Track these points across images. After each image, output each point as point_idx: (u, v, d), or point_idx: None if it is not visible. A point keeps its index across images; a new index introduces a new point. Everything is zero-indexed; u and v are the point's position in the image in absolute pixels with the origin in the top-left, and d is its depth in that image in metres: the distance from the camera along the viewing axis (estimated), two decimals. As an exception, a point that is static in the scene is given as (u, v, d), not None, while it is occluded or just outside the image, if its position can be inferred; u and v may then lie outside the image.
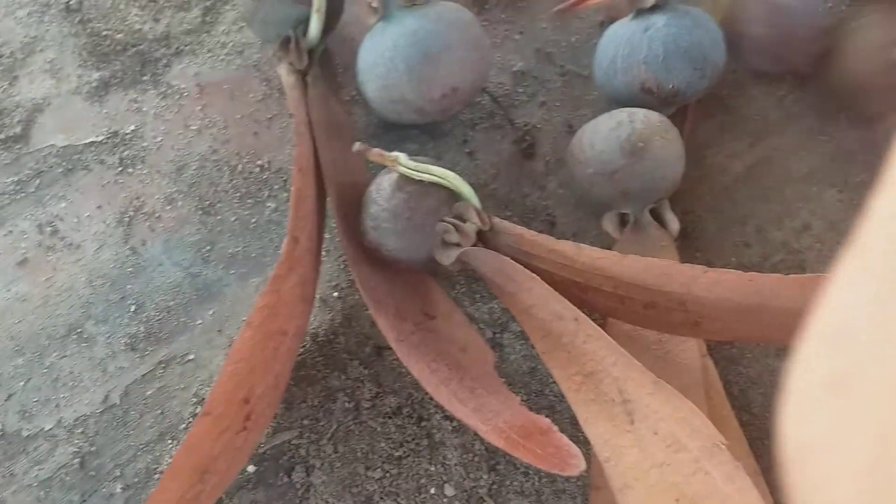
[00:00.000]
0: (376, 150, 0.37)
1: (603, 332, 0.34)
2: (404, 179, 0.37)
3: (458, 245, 0.37)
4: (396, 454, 0.40)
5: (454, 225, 0.37)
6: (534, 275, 0.36)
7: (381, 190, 0.38)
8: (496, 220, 0.38)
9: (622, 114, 0.38)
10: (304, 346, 0.41)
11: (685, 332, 0.37)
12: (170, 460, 0.39)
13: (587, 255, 0.36)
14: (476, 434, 0.39)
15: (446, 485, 0.39)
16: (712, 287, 0.35)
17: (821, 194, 0.43)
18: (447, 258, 0.37)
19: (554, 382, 0.36)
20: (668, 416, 0.32)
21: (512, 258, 0.36)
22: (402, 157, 0.37)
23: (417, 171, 0.38)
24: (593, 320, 0.34)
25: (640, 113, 0.38)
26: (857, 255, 0.14)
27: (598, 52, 0.41)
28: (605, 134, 0.38)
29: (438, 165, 0.38)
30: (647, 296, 0.36)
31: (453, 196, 0.38)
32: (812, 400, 0.15)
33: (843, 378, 0.14)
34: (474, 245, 0.37)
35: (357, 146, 0.37)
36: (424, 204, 0.37)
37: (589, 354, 0.34)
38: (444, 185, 0.38)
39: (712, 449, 0.31)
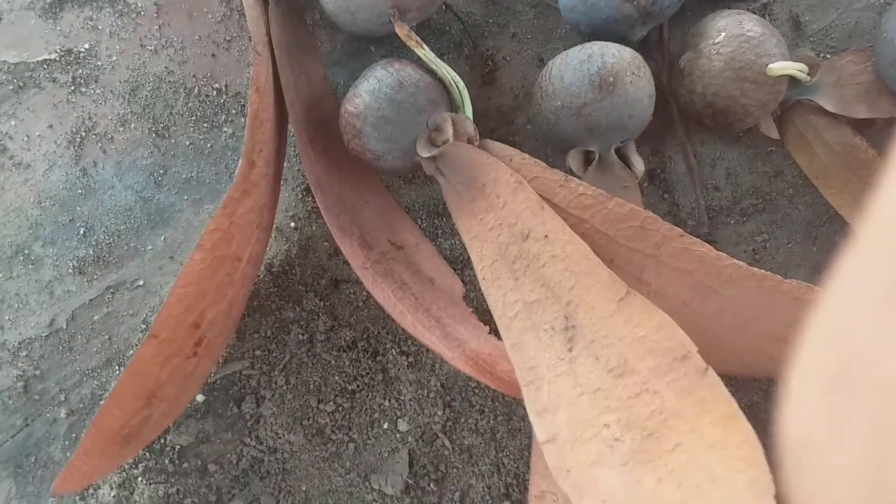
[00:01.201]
0: (405, 25, 0.38)
1: (578, 247, 0.34)
2: (407, 72, 0.37)
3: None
4: (350, 388, 0.39)
5: (453, 121, 0.37)
6: (521, 179, 0.35)
7: (381, 80, 0.37)
8: (487, 139, 0.38)
9: (594, 47, 0.38)
10: (258, 277, 0.40)
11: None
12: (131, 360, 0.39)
13: (572, 187, 0.36)
14: (432, 370, 0.39)
15: (400, 420, 0.39)
16: (680, 255, 0.35)
17: (793, 140, 0.43)
18: (429, 151, 0.37)
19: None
20: (621, 338, 0.32)
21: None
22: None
23: (435, 62, 0.38)
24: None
25: (613, 47, 0.38)
26: (857, 254, 0.15)
27: None
28: (574, 66, 0.37)
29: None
30: (612, 250, 0.36)
31: (444, 103, 0.38)
32: (812, 398, 0.15)
33: (842, 377, 0.14)
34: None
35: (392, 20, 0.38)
36: (421, 100, 0.37)
37: (542, 280, 0.34)
38: (450, 87, 0.39)
39: (670, 365, 0.31)
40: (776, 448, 0.16)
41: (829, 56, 0.43)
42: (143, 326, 0.40)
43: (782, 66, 0.37)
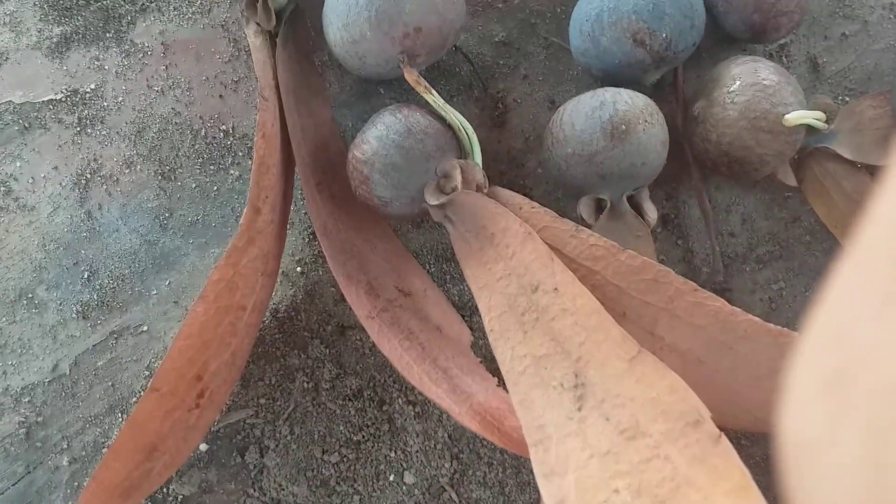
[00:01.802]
0: (414, 71, 0.38)
1: (588, 301, 0.33)
2: (415, 118, 0.37)
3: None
4: (355, 438, 0.39)
5: (462, 169, 0.36)
6: (531, 230, 0.35)
7: (389, 126, 0.37)
8: (496, 186, 0.37)
9: (606, 93, 0.37)
10: (263, 322, 0.40)
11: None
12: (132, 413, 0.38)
13: (583, 238, 0.35)
14: (439, 421, 0.39)
15: (406, 472, 0.39)
16: (694, 310, 0.35)
17: (811, 184, 0.42)
18: (437, 198, 0.36)
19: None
20: (633, 398, 0.31)
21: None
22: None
23: (445, 109, 0.38)
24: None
25: (625, 94, 0.37)
26: (857, 255, 0.15)
27: (576, 15, 0.40)
28: (586, 113, 0.37)
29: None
30: (624, 303, 0.35)
31: (453, 150, 0.38)
32: (811, 398, 0.15)
33: (842, 377, 0.14)
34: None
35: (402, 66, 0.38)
36: (429, 146, 0.37)
37: (552, 333, 0.34)
38: (459, 133, 0.38)
39: (682, 430, 0.30)
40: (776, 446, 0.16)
41: (847, 99, 0.43)
42: (147, 373, 0.40)
43: (799, 116, 0.37)
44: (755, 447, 0.39)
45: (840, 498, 0.13)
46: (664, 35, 0.37)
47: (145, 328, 0.40)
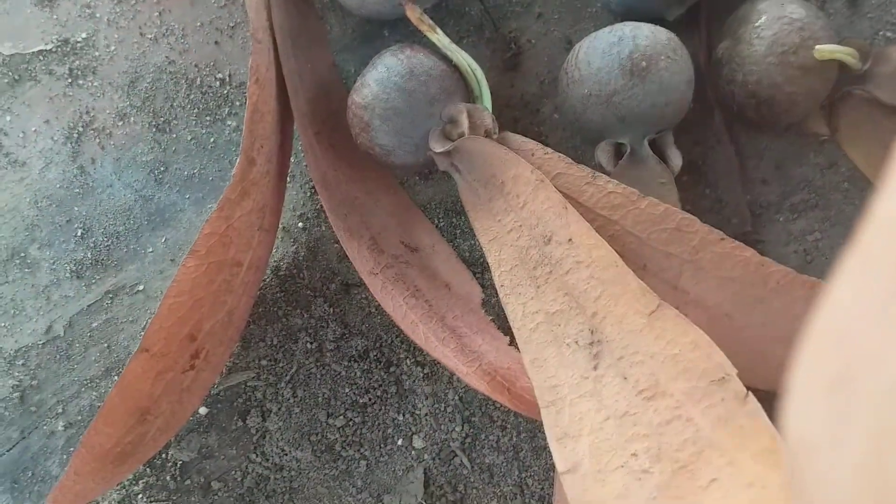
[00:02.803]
0: (416, 8, 0.35)
1: (605, 253, 0.31)
2: (419, 59, 0.35)
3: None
4: (361, 401, 0.37)
5: (469, 113, 0.34)
6: (543, 177, 0.33)
7: (390, 68, 0.34)
8: (507, 132, 0.35)
9: (625, 28, 0.34)
10: (264, 281, 0.38)
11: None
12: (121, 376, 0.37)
13: (600, 185, 0.33)
14: (450, 383, 0.37)
15: (415, 436, 0.37)
16: (721, 261, 0.32)
17: (850, 127, 0.39)
18: (442, 145, 0.34)
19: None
20: (653, 355, 0.29)
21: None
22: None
23: (451, 48, 0.35)
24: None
25: (646, 28, 0.34)
26: (859, 254, 0.15)
27: None
28: (603, 50, 0.34)
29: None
30: (644, 255, 0.33)
31: (460, 93, 0.36)
32: (814, 399, 0.15)
33: (844, 377, 0.14)
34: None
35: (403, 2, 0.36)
36: (433, 89, 0.34)
37: (566, 288, 0.32)
38: (466, 75, 0.36)
39: (706, 389, 0.28)
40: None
41: (889, 34, 0.40)
42: (143, 334, 0.38)
43: (832, 49, 0.34)
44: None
45: (843, 499, 0.14)
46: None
47: (141, 287, 0.39)
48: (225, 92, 0.40)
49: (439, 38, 0.35)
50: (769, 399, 0.36)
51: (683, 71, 0.34)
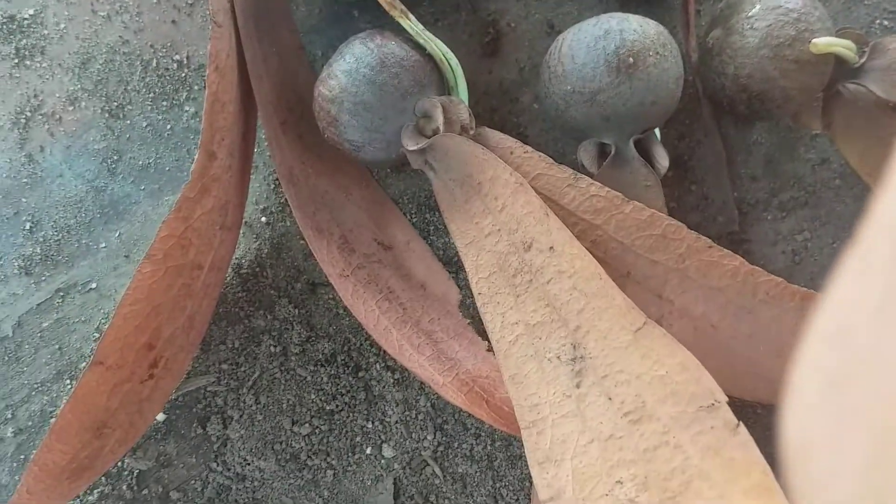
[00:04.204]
0: None
1: (588, 264, 0.30)
2: (390, 48, 0.32)
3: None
4: (328, 408, 0.36)
5: (444, 107, 0.32)
6: (523, 180, 0.31)
7: (359, 58, 0.32)
8: (485, 127, 0.33)
9: (612, 20, 0.32)
10: (224, 280, 0.36)
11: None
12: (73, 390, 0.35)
13: (583, 188, 0.31)
14: (421, 388, 0.36)
15: (384, 445, 0.36)
16: (708, 270, 0.31)
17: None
18: (416, 142, 0.32)
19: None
20: (638, 375, 0.28)
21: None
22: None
23: (424, 36, 0.33)
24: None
25: (634, 21, 0.32)
26: (859, 254, 0.15)
27: None
28: (588, 44, 0.32)
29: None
30: (628, 261, 0.31)
31: (434, 85, 0.33)
32: (813, 399, 0.15)
33: (843, 377, 0.14)
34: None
35: None
36: (406, 82, 0.32)
37: (547, 298, 0.30)
38: (441, 65, 0.34)
39: (695, 414, 0.27)
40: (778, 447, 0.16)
41: (887, 23, 0.38)
42: (97, 335, 0.36)
43: (829, 42, 0.32)
44: (772, 416, 0.36)
45: (843, 500, 0.14)
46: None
47: (94, 285, 0.37)
48: (183, 75, 0.37)
49: (412, 24, 0.33)
50: (762, 411, 0.35)
51: (672, 68, 0.32)
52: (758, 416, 0.36)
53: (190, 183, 0.31)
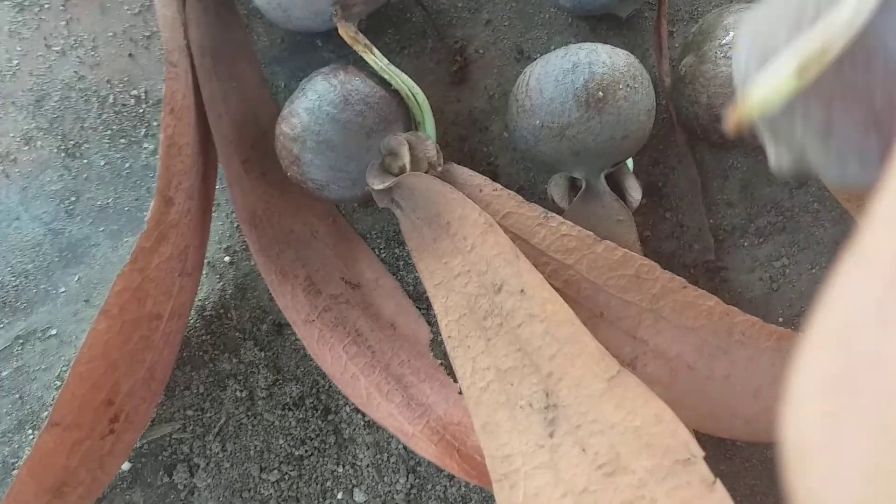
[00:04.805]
0: (350, 25, 0.32)
1: (560, 308, 0.29)
2: (354, 84, 0.31)
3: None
4: (297, 453, 0.35)
5: (410, 144, 0.31)
6: (492, 221, 0.30)
7: (322, 95, 0.31)
8: (452, 164, 0.32)
9: (580, 52, 0.31)
10: (188, 323, 0.35)
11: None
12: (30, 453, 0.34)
13: (553, 227, 0.30)
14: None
15: (356, 489, 0.35)
16: (683, 310, 0.30)
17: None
18: (382, 181, 0.31)
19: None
20: (612, 426, 0.27)
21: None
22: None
23: (389, 71, 0.32)
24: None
25: (603, 52, 0.31)
26: (859, 255, 0.15)
27: None
28: (556, 77, 0.31)
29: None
30: (601, 302, 0.31)
31: (400, 120, 0.33)
32: (813, 401, 0.15)
33: (844, 379, 0.14)
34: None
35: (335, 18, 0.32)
36: (371, 119, 0.31)
37: (518, 343, 0.29)
38: (407, 99, 0.33)
39: (671, 468, 0.26)
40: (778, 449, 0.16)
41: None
42: (59, 383, 0.35)
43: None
44: (751, 448, 0.35)
45: (844, 501, 0.13)
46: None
47: (54, 332, 0.36)
48: (141, 110, 0.36)
49: (376, 59, 0.32)
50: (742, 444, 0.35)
51: (643, 100, 0.31)
52: (737, 448, 0.36)
53: (146, 232, 0.30)
